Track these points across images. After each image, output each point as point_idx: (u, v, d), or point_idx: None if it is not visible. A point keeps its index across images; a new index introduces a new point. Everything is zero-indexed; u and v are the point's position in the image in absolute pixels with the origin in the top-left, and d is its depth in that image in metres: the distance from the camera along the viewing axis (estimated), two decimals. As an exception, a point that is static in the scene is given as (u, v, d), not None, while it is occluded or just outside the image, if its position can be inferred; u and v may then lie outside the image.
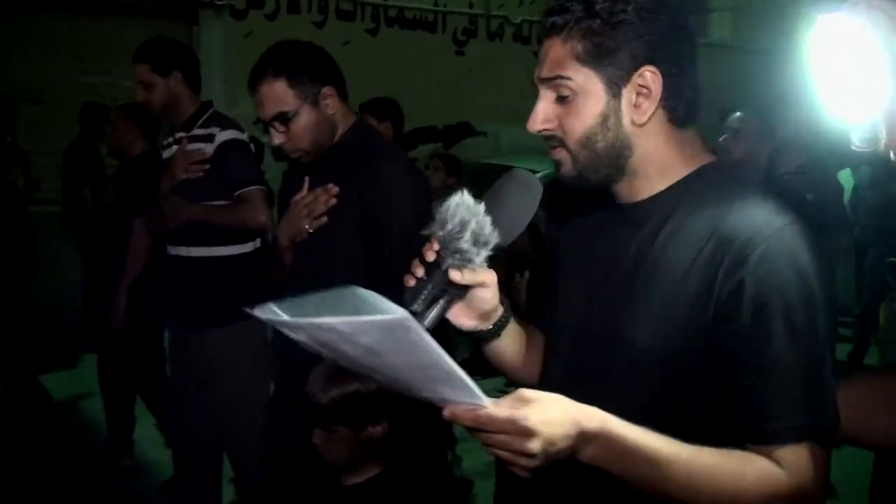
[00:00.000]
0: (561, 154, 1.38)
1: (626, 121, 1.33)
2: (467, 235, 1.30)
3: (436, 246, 1.34)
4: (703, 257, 1.24)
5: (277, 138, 2.44)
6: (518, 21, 11.26)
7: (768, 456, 1.19)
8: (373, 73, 8.97)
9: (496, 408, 1.12)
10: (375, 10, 9.89)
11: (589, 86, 1.32)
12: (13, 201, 5.22)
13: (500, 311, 1.49)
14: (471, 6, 10.81)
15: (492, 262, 1.39)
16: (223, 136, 3.26)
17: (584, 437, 1.14)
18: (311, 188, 2.50)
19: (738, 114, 5.03)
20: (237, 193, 3.22)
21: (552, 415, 1.13)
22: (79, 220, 5.86)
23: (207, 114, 3.36)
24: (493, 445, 1.14)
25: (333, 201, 2.44)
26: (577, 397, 1.19)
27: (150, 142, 4.16)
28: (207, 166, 3.19)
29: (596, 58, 1.31)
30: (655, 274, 1.30)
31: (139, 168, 4.14)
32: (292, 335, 1.14)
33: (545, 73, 1.36)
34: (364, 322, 1.04)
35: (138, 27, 6.77)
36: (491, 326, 1.49)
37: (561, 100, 1.35)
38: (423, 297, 1.31)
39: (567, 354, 1.44)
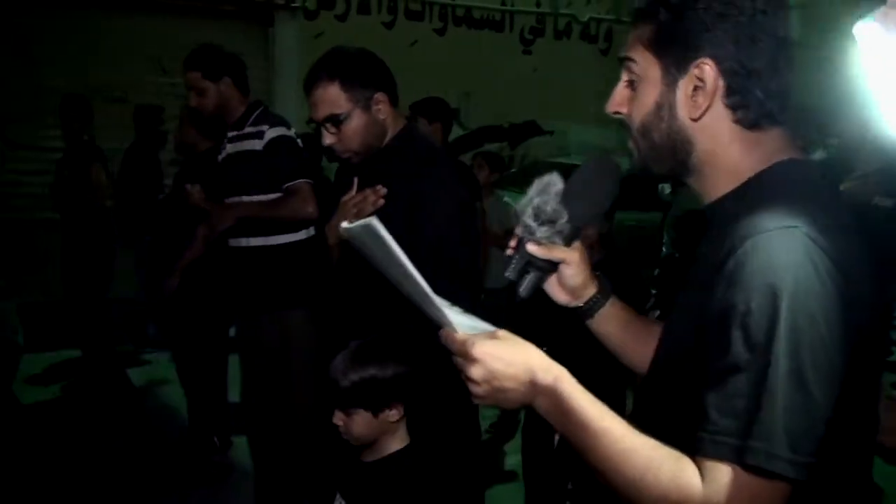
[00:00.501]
0: (631, 143, 1.36)
1: (681, 113, 1.28)
2: (529, 212, 1.41)
3: (520, 227, 1.45)
4: (711, 251, 1.23)
5: (329, 139, 2.53)
6: (585, 19, 11.28)
7: (698, 464, 1.12)
8: (440, 72, 9.11)
9: (461, 333, 1.24)
10: (443, 9, 10.04)
11: (649, 71, 1.29)
12: (94, 198, 5.45)
13: (592, 291, 1.54)
14: (538, 5, 10.87)
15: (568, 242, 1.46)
16: (272, 133, 3.45)
17: (536, 388, 1.21)
18: (359, 188, 2.58)
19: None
20: (286, 186, 3.40)
21: (505, 354, 1.22)
22: (136, 222, 6.12)
23: (257, 112, 3.56)
24: (458, 363, 1.26)
25: (381, 202, 2.51)
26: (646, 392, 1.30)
27: (213, 140, 4.34)
28: None
29: (657, 43, 1.28)
30: (698, 275, 1.27)
31: (203, 164, 4.31)
32: (354, 242, 1.34)
33: (622, 52, 1.35)
34: (360, 225, 1.22)
35: (216, 28, 7.01)
36: (583, 304, 1.55)
37: (630, 84, 1.34)
38: (512, 266, 1.44)
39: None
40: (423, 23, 9.81)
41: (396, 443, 2.22)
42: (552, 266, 1.45)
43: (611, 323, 1.55)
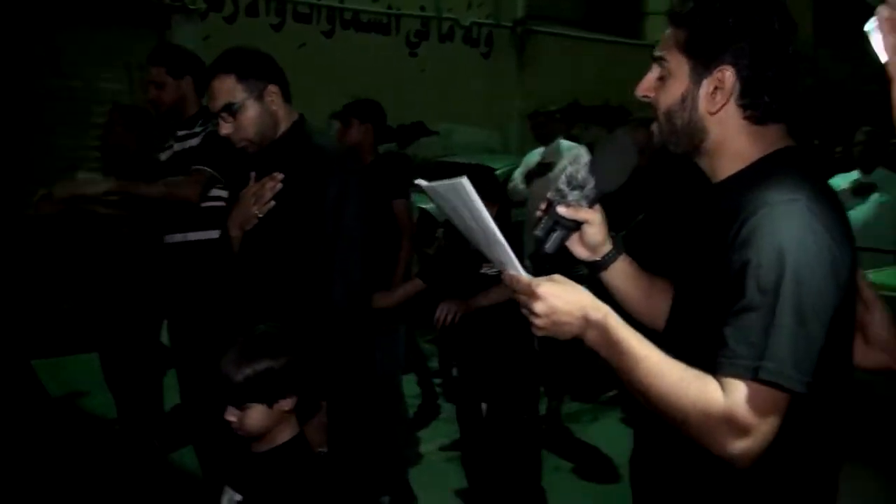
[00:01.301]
0: (655, 124, 1.65)
1: (701, 107, 1.55)
2: (563, 178, 1.66)
3: (552, 193, 1.70)
4: (724, 216, 1.50)
5: (225, 128, 2.69)
6: (467, 24, 11.66)
7: (719, 381, 1.39)
8: (329, 73, 9.28)
9: (525, 275, 1.53)
10: (331, 12, 10.19)
11: (679, 70, 1.57)
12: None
13: (608, 247, 1.80)
14: (422, 9, 11.17)
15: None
16: (211, 129, 3.49)
17: (588, 322, 1.50)
18: (257, 181, 2.72)
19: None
20: (192, 168, 3.53)
21: (563, 293, 1.50)
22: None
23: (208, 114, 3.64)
24: (518, 302, 1.55)
25: (280, 186, 2.66)
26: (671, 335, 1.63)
27: (143, 143, 4.32)
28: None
29: (690, 49, 1.55)
30: (714, 239, 1.52)
31: (142, 164, 4.19)
32: (434, 200, 1.66)
33: (657, 51, 1.63)
34: (444, 184, 1.52)
35: (113, 33, 6.93)
36: (599, 259, 1.80)
37: (660, 78, 1.61)
38: (542, 226, 1.68)
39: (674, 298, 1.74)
40: (311, 25, 9.95)
41: (287, 432, 2.25)
42: (577, 225, 1.72)
43: (620, 276, 1.83)
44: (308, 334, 2.35)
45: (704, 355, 1.43)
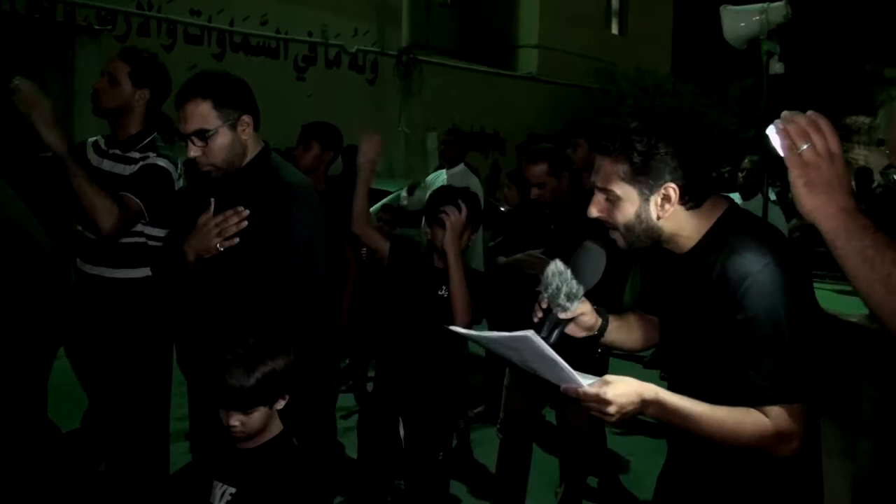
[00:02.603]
0: (615, 234, 1.94)
1: (653, 216, 1.88)
2: (562, 296, 1.97)
3: (545, 302, 1.98)
4: (718, 286, 1.83)
5: (193, 151, 2.66)
6: (353, 51, 11.99)
7: (761, 411, 1.79)
8: (221, 96, 9.37)
9: (589, 387, 1.80)
10: (221, 35, 10.35)
11: (627, 195, 1.88)
12: None
13: (600, 322, 2.13)
14: (310, 34, 11.43)
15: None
16: (149, 161, 3.28)
17: (645, 403, 1.81)
18: (217, 209, 2.69)
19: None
20: (120, 193, 3.16)
21: (622, 390, 1.78)
22: None
23: (149, 139, 3.36)
24: (588, 409, 1.83)
25: (245, 224, 2.65)
26: (676, 367, 2.06)
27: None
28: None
29: (634, 177, 1.85)
30: (698, 300, 1.90)
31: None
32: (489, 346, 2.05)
33: (599, 183, 1.91)
34: (507, 336, 1.83)
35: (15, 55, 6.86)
36: (596, 332, 2.13)
37: (609, 201, 1.92)
38: (546, 327, 1.99)
39: (670, 340, 2.11)
40: (201, 47, 10.05)
41: (274, 428, 2.41)
42: (573, 319, 2.05)
43: (615, 334, 2.20)
44: (287, 339, 2.48)
45: (722, 386, 1.86)
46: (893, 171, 1.73)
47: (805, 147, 1.47)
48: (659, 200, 1.86)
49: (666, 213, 1.87)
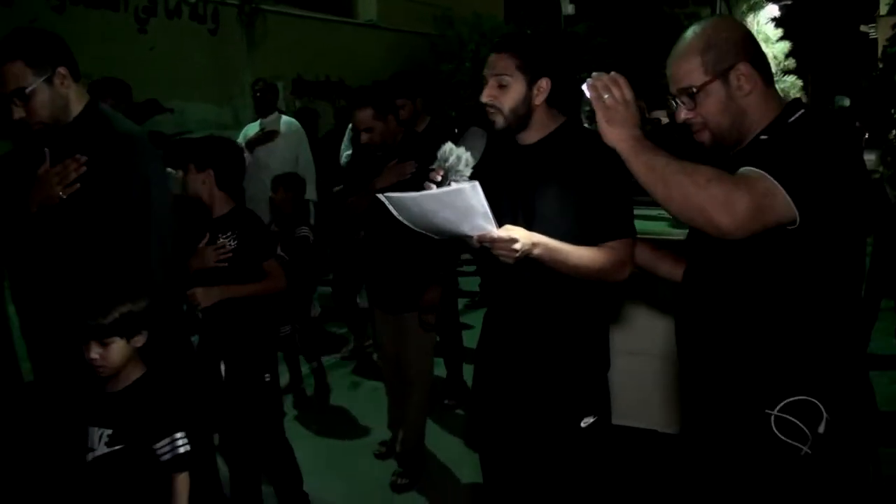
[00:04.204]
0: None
1: (533, 103, 2.60)
2: (462, 164, 2.36)
3: (440, 173, 2.34)
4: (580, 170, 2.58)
5: (17, 112, 2.67)
6: (193, 1, 11.80)
7: (604, 245, 2.49)
8: (62, 51, 9.10)
9: (499, 231, 2.30)
10: (62, -11, 9.98)
11: (516, 82, 2.56)
12: None
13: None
14: (149, -15, 11.17)
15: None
16: None
17: (535, 244, 2.36)
18: (52, 160, 2.73)
19: None
20: None
21: (521, 234, 2.34)
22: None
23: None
24: (496, 249, 2.32)
25: (84, 169, 2.68)
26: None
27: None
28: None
29: (524, 69, 2.56)
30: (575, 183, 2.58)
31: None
32: (392, 209, 2.36)
33: (495, 72, 2.56)
34: (443, 191, 2.26)
35: None
36: None
37: (500, 86, 2.55)
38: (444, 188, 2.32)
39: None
40: (41, 1, 9.68)
41: (137, 371, 2.60)
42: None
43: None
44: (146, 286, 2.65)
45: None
46: (674, 100, 2.17)
47: (606, 96, 2.05)
48: (536, 91, 2.57)
49: (539, 101, 2.59)
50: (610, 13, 18.12)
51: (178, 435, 2.56)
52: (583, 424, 2.62)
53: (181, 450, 2.55)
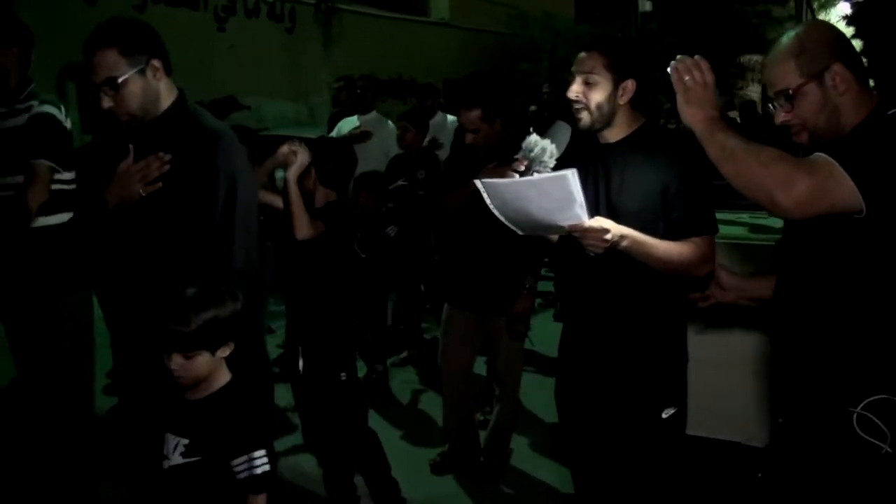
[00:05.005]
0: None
1: (617, 102, 2.61)
2: (547, 155, 2.48)
3: (524, 163, 2.49)
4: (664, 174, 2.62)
5: (106, 102, 2.63)
6: (271, 0, 12.01)
7: (687, 241, 2.55)
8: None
9: (591, 220, 2.39)
10: (143, -13, 10.25)
11: (603, 80, 2.60)
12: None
13: None
14: (228, -18, 11.41)
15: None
16: (39, 109, 3.41)
17: (623, 236, 2.44)
18: (137, 156, 2.67)
19: None
20: (31, 161, 3.36)
21: (611, 224, 2.42)
22: None
23: (29, 89, 3.49)
24: (587, 239, 2.42)
25: (167, 167, 2.63)
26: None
27: None
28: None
29: (611, 68, 2.61)
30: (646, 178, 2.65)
31: None
32: (486, 196, 2.44)
33: (584, 70, 2.61)
34: (543, 178, 2.35)
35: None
36: None
37: (587, 83, 2.60)
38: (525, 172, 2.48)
39: None
40: (123, 0, 9.94)
41: (223, 378, 2.43)
42: None
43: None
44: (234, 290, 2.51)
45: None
46: (771, 103, 2.21)
47: (687, 78, 2.14)
48: (622, 91, 2.62)
49: (625, 101, 2.64)
50: (682, 10, 17.89)
51: (258, 454, 2.38)
52: (664, 416, 2.69)
53: (259, 470, 2.38)
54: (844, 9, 15.35)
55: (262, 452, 2.38)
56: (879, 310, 2.03)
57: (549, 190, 2.30)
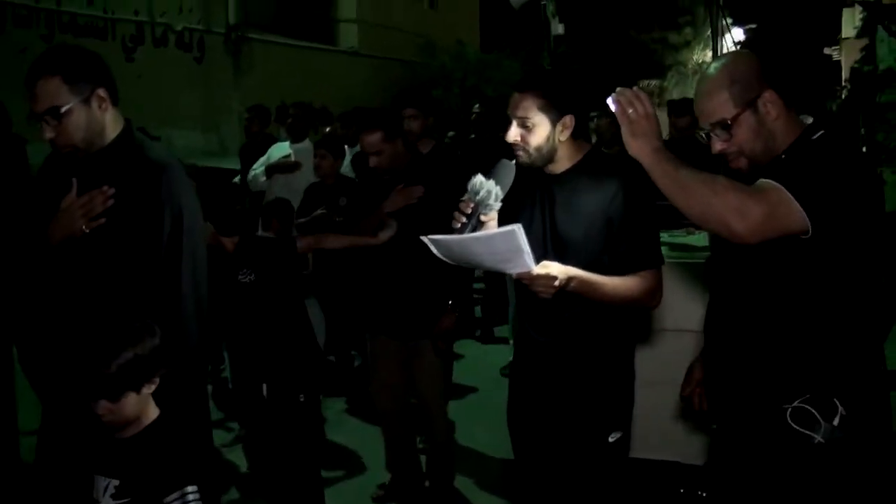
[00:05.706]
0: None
1: (556, 140, 2.56)
2: (492, 198, 2.40)
3: (471, 206, 2.39)
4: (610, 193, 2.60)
5: (49, 132, 2.53)
6: (179, 29, 11.91)
7: (635, 275, 2.54)
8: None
9: (538, 268, 2.38)
10: (50, 16, 10.07)
11: (541, 122, 2.55)
12: None
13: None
14: (136, 13, 11.27)
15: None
16: None
17: (570, 278, 2.42)
18: (79, 190, 2.58)
19: None
20: None
21: (558, 269, 2.41)
22: None
23: None
24: (536, 286, 2.40)
25: (111, 202, 2.54)
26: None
27: None
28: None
29: (547, 109, 2.55)
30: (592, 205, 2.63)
31: None
32: (434, 249, 2.41)
33: (518, 113, 2.54)
34: (491, 234, 2.35)
35: None
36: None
37: (524, 126, 2.56)
38: (469, 226, 2.40)
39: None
40: (31, 29, 9.75)
41: (151, 414, 2.33)
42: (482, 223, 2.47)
43: None
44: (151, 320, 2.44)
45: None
46: (702, 132, 2.28)
47: (630, 111, 2.14)
48: (560, 128, 2.58)
49: (565, 137, 2.60)
50: (585, 38, 18.41)
51: (190, 489, 2.28)
52: (610, 440, 2.69)
53: None
54: (738, 35, 16.04)
55: (194, 488, 2.29)
56: (820, 317, 2.14)
57: (497, 244, 2.35)
